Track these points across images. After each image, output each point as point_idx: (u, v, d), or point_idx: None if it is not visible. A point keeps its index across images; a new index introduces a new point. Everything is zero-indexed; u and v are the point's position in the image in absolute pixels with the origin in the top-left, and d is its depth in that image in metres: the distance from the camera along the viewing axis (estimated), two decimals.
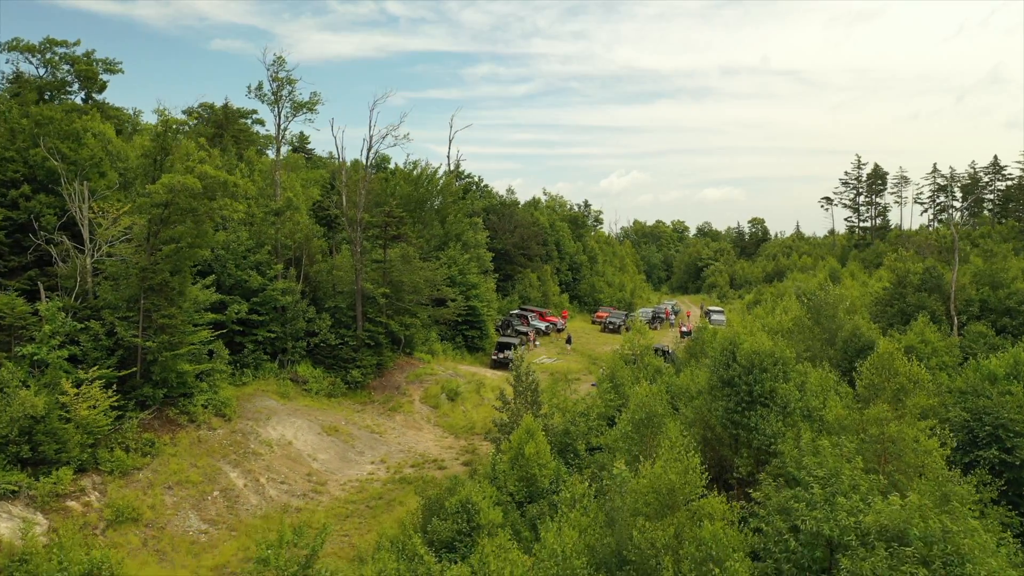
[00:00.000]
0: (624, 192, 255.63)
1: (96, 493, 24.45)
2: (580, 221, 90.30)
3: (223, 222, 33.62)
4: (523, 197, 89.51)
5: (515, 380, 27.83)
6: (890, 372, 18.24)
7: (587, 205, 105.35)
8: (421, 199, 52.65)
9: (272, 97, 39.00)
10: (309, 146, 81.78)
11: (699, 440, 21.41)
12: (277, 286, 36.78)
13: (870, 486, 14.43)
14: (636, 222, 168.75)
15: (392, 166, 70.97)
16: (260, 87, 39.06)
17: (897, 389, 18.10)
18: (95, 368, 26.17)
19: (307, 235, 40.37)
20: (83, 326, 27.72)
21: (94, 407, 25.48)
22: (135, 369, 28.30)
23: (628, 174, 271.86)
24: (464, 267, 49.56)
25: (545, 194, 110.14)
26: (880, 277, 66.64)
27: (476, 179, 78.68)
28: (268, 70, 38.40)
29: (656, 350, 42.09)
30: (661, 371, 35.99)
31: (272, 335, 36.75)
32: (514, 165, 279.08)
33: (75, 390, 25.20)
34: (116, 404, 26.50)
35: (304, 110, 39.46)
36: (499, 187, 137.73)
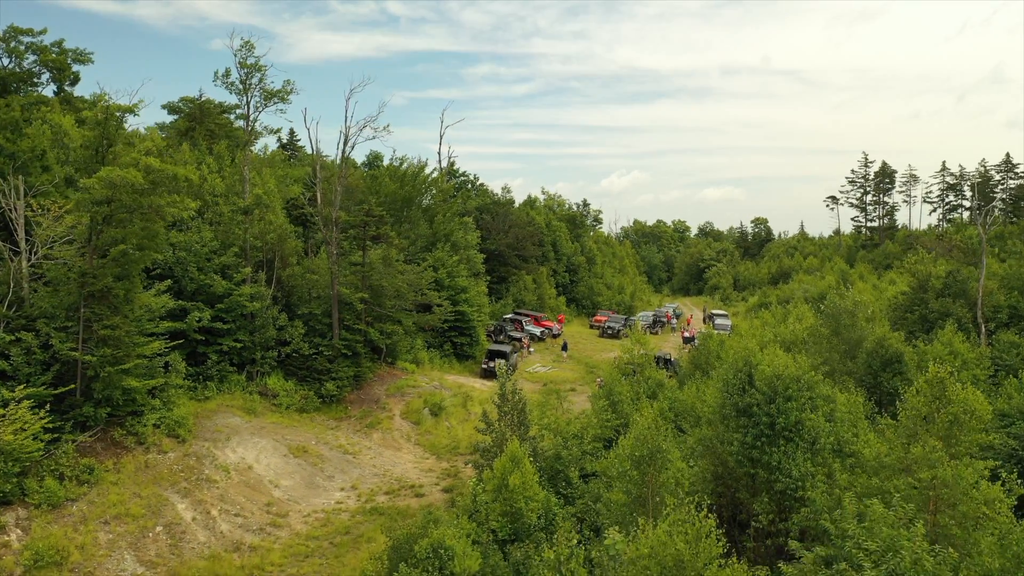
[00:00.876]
0: (624, 192, 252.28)
1: (18, 531, 21.37)
2: (578, 221, 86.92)
3: (177, 221, 30.50)
4: (523, 197, 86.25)
5: (500, 399, 24.74)
6: (942, 400, 15.13)
7: (586, 204, 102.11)
8: (407, 197, 49.51)
9: (240, 86, 35.80)
10: (300, 143, 78.72)
11: (709, 476, 18.33)
12: (244, 291, 33.66)
13: (938, 563, 11.28)
14: (636, 222, 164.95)
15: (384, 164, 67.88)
16: (228, 74, 35.83)
17: (950, 421, 15.01)
18: (22, 387, 23.05)
19: (280, 236, 37.23)
20: (14, 338, 24.67)
21: (22, 430, 22.45)
22: (74, 386, 25.21)
23: (628, 174, 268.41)
24: (453, 269, 46.40)
25: (543, 193, 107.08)
26: (892, 280, 63.54)
27: (471, 177, 75.67)
28: (236, 56, 35.20)
29: (657, 359, 38.87)
30: (663, 384, 32.95)
31: (239, 345, 33.61)
32: (514, 165, 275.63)
33: (0, 411, 22.19)
34: (50, 426, 23.45)
35: (275, 99, 36.19)
36: (498, 186, 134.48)
